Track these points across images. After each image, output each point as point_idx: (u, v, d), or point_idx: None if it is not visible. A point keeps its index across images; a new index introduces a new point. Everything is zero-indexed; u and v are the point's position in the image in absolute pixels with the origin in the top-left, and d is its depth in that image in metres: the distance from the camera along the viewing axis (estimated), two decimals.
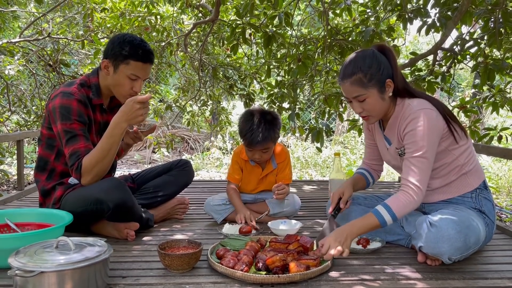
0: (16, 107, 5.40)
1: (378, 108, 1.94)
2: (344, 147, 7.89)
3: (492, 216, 1.99)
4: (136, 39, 2.18)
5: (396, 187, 3.75)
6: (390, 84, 1.92)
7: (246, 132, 2.37)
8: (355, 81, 1.89)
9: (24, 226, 2.03)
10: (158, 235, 2.29)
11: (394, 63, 1.95)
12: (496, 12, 2.92)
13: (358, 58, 1.92)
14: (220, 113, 5.53)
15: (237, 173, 2.59)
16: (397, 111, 1.98)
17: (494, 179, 5.55)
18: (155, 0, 4.45)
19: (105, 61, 2.18)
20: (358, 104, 1.94)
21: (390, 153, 2.09)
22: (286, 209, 2.53)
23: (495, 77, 3.13)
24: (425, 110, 1.86)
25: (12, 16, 6.36)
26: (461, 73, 9.63)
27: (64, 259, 1.47)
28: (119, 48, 2.14)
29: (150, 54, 2.20)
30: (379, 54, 1.94)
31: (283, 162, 2.57)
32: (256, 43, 4.60)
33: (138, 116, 2.03)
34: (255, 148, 2.40)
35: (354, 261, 1.91)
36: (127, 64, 2.14)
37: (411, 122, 1.86)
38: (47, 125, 2.20)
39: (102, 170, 2.09)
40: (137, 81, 2.19)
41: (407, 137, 1.88)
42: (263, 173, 2.57)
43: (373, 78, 1.88)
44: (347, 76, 1.91)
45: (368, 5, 3.74)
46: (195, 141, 8.68)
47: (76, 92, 2.15)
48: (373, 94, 1.90)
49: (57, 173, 2.24)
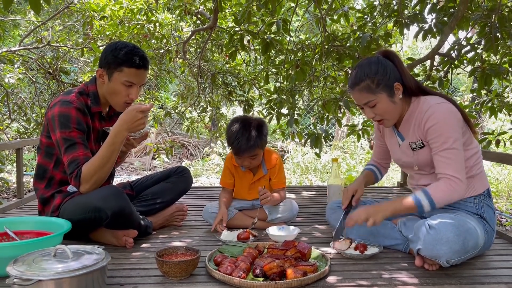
0: (16, 115, 5.42)
1: (390, 111, 1.98)
2: (344, 152, 7.90)
3: (493, 224, 2.00)
4: (129, 45, 2.17)
5: (395, 192, 3.75)
6: (399, 87, 1.96)
7: (233, 141, 2.40)
8: (363, 88, 1.94)
9: (23, 234, 2.04)
10: (157, 242, 2.29)
11: (401, 66, 2.00)
12: (492, 18, 2.95)
13: (364, 66, 1.97)
14: (219, 119, 5.55)
15: (228, 178, 2.64)
16: (412, 107, 2.01)
17: (494, 183, 5.56)
18: (154, 7, 4.49)
19: (100, 70, 2.19)
20: (369, 109, 1.99)
21: (402, 149, 2.11)
22: (283, 214, 2.53)
23: (493, 82, 3.15)
24: (444, 104, 1.91)
25: (12, 25, 6.41)
26: (460, 78, 9.65)
27: (62, 267, 1.47)
28: (112, 56, 2.14)
29: (143, 59, 2.19)
30: (384, 60, 1.99)
31: (274, 167, 2.58)
32: (255, 50, 4.63)
33: (140, 125, 2.05)
34: (242, 156, 2.43)
35: (351, 266, 1.91)
36: (120, 71, 2.14)
37: (432, 117, 1.89)
38: (46, 133, 2.21)
39: (101, 178, 2.10)
40: (133, 87, 2.18)
41: (431, 131, 1.90)
42: (254, 178, 2.59)
43: (380, 83, 1.93)
44: (355, 84, 1.97)
45: (365, 11, 3.76)
46: (195, 147, 8.69)
47: (75, 101, 2.15)
48: (383, 99, 1.95)
49: (56, 181, 2.25)
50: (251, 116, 2.99)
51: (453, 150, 1.86)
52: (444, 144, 1.87)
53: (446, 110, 1.89)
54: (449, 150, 1.86)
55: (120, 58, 2.13)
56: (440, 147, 1.88)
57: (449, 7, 3.24)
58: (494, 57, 3.46)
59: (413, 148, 2.03)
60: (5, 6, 1.55)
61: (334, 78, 3.97)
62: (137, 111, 2.03)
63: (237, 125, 2.43)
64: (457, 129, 1.88)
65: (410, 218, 2.11)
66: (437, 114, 1.88)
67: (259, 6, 2.96)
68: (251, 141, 2.37)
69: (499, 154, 2.73)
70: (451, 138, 1.85)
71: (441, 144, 1.87)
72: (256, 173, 2.60)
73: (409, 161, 2.09)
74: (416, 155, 2.03)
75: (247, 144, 2.36)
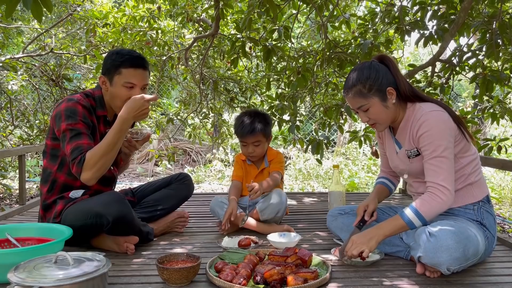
0: (19, 121, 5.45)
1: (383, 116, 1.99)
2: (346, 158, 7.88)
3: (493, 230, 1.99)
4: (125, 49, 2.27)
5: (396, 199, 3.74)
6: (392, 91, 1.96)
7: (238, 127, 2.68)
8: (356, 93, 1.97)
9: (24, 241, 2.04)
10: (158, 248, 2.29)
11: (395, 71, 2.00)
12: (493, 24, 2.95)
13: (357, 71, 1.99)
14: (221, 126, 5.56)
15: (239, 171, 2.82)
16: (407, 114, 2.01)
17: (497, 190, 5.53)
18: (156, 15, 4.52)
19: (102, 77, 2.24)
20: (363, 113, 2.01)
21: (399, 157, 2.11)
22: (272, 201, 2.55)
23: (494, 88, 3.14)
24: (437, 111, 1.91)
25: (16, 32, 6.45)
26: (462, 83, 9.65)
27: (62, 274, 1.47)
28: (110, 61, 2.20)
29: (140, 59, 2.22)
30: (378, 64, 2.00)
31: (274, 159, 2.79)
32: (256, 57, 4.65)
33: (144, 114, 2.10)
34: (246, 139, 2.66)
35: (352, 273, 1.91)
36: (119, 74, 2.18)
37: (424, 124, 1.89)
38: (51, 135, 2.23)
39: (104, 166, 2.08)
40: (134, 89, 2.20)
41: (422, 139, 1.90)
42: (257, 171, 2.79)
43: (372, 87, 1.94)
44: (349, 88, 1.99)
45: (366, 18, 3.77)
46: (197, 154, 8.70)
47: (81, 99, 2.20)
48: (375, 103, 1.96)
49: (58, 184, 2.25)
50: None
51: (443, 158, 1.85)
52: (434, 152, 1.87)
53: (438, 118, 1.89)
54: (438, 158, 1.86)
55: (118, 61, 2.18)
56: (430, 155, 1.88)
57: (449, 14, 3.24)
58: (495, 64, 3.47)
59: (409, 156, 2.03)
60: (7, 15, 1.57)
61: (335, 84, 3.97)
62: (144, 100, 2.07)
63: (243, 114, 2.76)
64: (448, 138, 1.87)
65: None
66: (429, 122, 1.88)
67: (260, 13, 2.98)
68: (255, 123, 2.63)
69: (500, 161, 2.72)
70: (442, 146, 1.85)
71: (431, 152, 1.87)
72: (260, 166, 2.80)
73: (405, 169, 2.09)
74: (411, 163, 2.03)
75: (251, 126, 2.62)
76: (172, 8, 4.49)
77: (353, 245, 1.90)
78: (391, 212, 2.31)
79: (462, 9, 2.81)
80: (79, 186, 2.25)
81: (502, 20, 2.97)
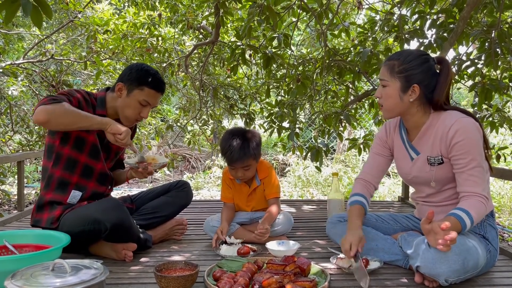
0: (18, 127, 5.45)
1: (391, 103, 1.95)
2: (346, 166, 7.88)
3: (495, 244, 1.97)
4: (153, 69, 2.32)
5: (396, 206, 3.74)
6: (416, 89, 1.91)
7: (226, 151, 2.44)
8: (388, 66, 1.95)
9: (22, 248, 2.03)
10: (156, 256, 2.28)
11: (444, 77, 1.93)
12: (492, 33, 2.96)
13: (407, 51, 1.98)
14: (221, 132, 5.56)
15: (227, 192, 2.64)
16: (431, 120, 1.96)
17: (496, 198, 5.53)
18: (157, 22, 4.54)
19: (120, 84, 2.28)
20: (381, 88, 1.98)
21: (417, 164, 2.03)
22: (278, 227, 2.53)
23: (493, 96, 3.15)
24: (468, 118, 1.87)
25: (16, 38, 6.47)
26: (462, 92, 9.67)
27: (59, 282, 1.46)
28: (136, 74, 2.26)
29: (163, 84, 2.35)
30: (428, 60, 1.94)
31: (267, 177, 2.59)
32: (256, 64, 4.66)
33: (118, 143, 2.13)
34: (235, 165, 2.44)
35: (351, 282, 1.90)
36: (141, 90, 2.25)
37: (460, 131, 1.83)
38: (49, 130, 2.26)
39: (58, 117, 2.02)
40: (146, 107, 2.30)
41: (457, 147, 1.84)
42: (250, 190, 2.61)
43: (402, 72, 1.91)
44: (388, 59, 1.98)
45: (366, 26, 3.79)
46: (196, 160, 8.70)
47: (83, 93, 2.27)
48: (394, 86, 1.93)
49: (54, 179, 2.24)
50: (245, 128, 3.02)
51: (480, 168, 1.83)
52: (472, 162, 1.82)
53: (474, 126, 1.85)
54: (478, 168, 1.82)
55: (144, 78, 2.25)
56: (468, 165, 1.83)
57: (449, 23, 3.26)
58: (494, 72, 3.48)
59: (431, 163, 1.96)
60: (7, 21, 1.57)
61: (335, 92, 3.99)
62: (128, 143, 2.15)
63: (230, 136, 2.46)
64: (482, 146, 1.85)
65: (411, 234, 2.09)
66: (465, 130, 1.83)
67: (260, 21, 2.99)
68: (244, 149, 2.40)
69: (500, 170, 2.72)
70: (479, 156, 1.82)
71: (469, 162, 1.83)
72: (251, 185, 2.60)
73: (425, 177, 2.02)
74: (433, 170, 1.96)
75: (239, 153, 2.39)
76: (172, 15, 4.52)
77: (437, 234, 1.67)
78: (391, 220, 2.30)
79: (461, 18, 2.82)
80: (75, 182, 2.26)
81: (501, 29, 2.99)
